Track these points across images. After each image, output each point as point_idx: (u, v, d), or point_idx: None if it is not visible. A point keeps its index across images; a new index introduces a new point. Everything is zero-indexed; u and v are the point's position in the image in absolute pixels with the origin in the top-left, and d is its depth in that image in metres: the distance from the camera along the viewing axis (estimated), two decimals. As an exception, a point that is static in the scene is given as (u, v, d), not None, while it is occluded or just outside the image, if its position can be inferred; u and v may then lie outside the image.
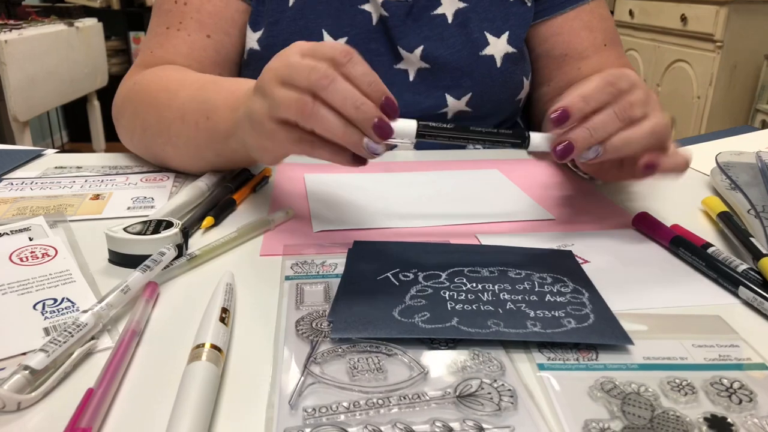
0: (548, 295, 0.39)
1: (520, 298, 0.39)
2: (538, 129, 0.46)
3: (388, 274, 0.42)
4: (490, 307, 0.38)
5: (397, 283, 0.41)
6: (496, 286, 0.40)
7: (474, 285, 0.40)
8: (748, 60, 2.33)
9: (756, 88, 2.37)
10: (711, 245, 0.47)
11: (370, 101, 0.40)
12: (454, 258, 0.44)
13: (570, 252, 0.47)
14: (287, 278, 0.43)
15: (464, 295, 0.39)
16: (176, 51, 0.68)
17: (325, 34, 0.70)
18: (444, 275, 0.42)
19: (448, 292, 0.39)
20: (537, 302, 0.38)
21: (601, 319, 0.37)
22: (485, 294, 0.39)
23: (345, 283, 0.41)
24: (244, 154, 0.51)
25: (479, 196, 0.60)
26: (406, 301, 0.38)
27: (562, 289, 0.40)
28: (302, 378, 0.32)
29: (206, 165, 0.60)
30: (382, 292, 0.40)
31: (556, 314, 0.37)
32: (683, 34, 2.46)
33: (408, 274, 0.42)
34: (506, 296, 0.39)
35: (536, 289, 0.40)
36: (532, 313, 0.37)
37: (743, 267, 0.43)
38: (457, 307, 0.38)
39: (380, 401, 0.30)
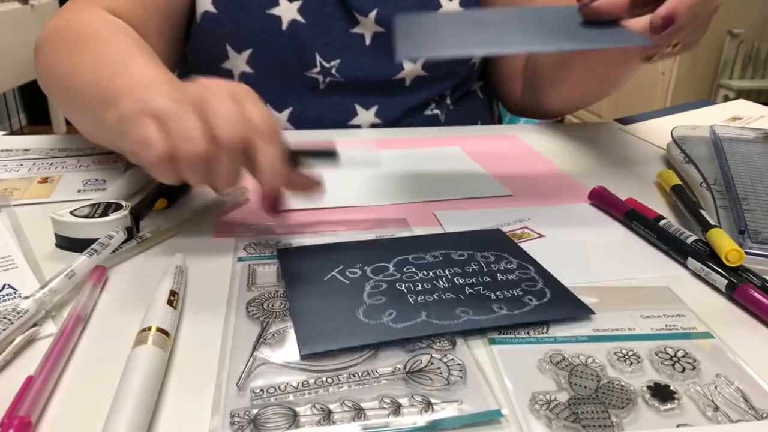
0: (499, 274, 0.39)
1: (474, 280, 0.38)
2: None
3: (334, 272, 0.40)
4: (451, 295, 0.37)
5: (347, 282, 0.39)
6: (447, 271, 0.40)
7: (425, 273, 0.39)
8: (712, 36, 2.36)
9: (719, 63, 2.40)
10: (663, 218, 0.47)
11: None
12: (391, 249, 0.43)
13: (498, 230, 0.47)
14: (240, 259, 0.42)
15: (420, 285, 0.38)
16: None
17: None
18: (391, 266, 0.40)
19: (403, 284, 0.38)
20: (492, 283, 0.38)
21: (556, 293, 0.37)
22: (440, 281, 0.38)
23: (292, 294, 0.37)
24: None
25: (439, 173, 0.59)
26: (365, 300, 0.36)
27: (509, 266, 0.40)
28: (251, 359, 0.32)
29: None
30: (336, 294, 0.37)
31: (515, 293, 0.37)
32: (648, 11, 2.48)
33: (355, 270, 0.40)
34: (461, 280, 0.38)
35: (485, 269, 0.40)
36: (493, 296, 0.37)
37: (692, 239, 0.44)
38: (419, 299, 0.36)
39: (330, 380, 0.30)
